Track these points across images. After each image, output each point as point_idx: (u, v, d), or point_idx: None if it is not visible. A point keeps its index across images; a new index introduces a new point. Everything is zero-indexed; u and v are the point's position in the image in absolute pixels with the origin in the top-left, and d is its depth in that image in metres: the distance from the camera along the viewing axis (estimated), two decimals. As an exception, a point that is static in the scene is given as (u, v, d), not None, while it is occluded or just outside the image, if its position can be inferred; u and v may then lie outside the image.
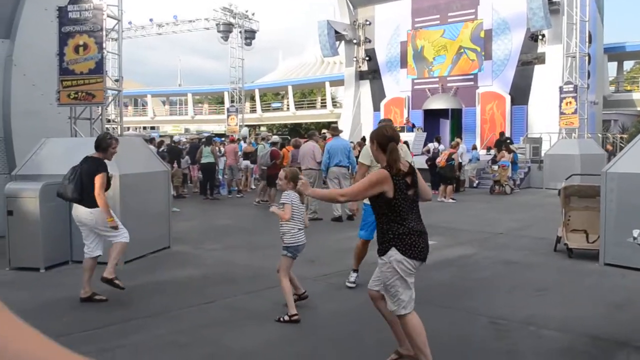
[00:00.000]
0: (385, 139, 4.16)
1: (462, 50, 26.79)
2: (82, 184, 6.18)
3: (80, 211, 6.23)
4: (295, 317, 5.51)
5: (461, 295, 6.35)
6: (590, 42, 21.56)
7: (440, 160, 16.85)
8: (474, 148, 20.98)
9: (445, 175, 16.55)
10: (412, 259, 4.02)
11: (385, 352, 4.55)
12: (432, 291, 6.21)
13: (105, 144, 6.43)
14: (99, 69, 8.67)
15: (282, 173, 5.88)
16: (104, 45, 8.76)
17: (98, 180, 6.13)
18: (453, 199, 15.81)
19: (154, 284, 7.05)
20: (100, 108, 9.28)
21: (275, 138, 18.23)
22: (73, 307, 6.06)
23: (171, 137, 33.71)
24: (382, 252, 4.09)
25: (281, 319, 5.51)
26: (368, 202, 4.75)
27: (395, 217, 4.04)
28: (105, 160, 6.38)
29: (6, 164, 10.02)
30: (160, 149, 17.58)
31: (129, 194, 8.10)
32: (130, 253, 8.08)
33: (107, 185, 6.33)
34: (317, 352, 4.76)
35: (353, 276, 6.81)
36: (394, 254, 4.01)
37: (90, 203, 6.14)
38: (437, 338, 4.98)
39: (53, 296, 6.46)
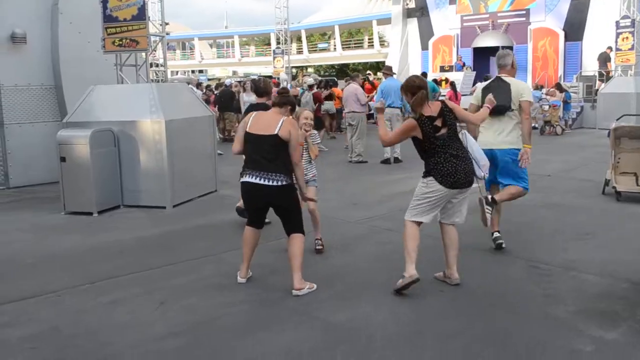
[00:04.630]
0: (415, 88, 4.79)
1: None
2: None
3: None
4: None
5: (504, 239, 6.32)
6: (652, -28, 20.38)
7: None
8: (536, 88, 20.24)
9: None
10: (448, 187, 4.73)
11: (415, 300, 4.65)
12: (472, 233, 6.20)
13: (269, 87, 7.07)
14: (141, 15, 8.72)
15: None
16: (145, -10, 8.80)
17: None
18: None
19: (200, 227, 7.27)
20: (144, 54, 9.39)
21: (310, 80, 18.01)
22: (123, 249, 6.34)
23: (219, 79, 33.85)
24: (424, 175, 4.84)
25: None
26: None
27: (431, 154, 4.77)
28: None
29: (58, 111, 10.33)
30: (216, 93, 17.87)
31: (175, 139, 8.28)
32: (178, 197, 8.36)
33: None
34: (346, 295, 4.86)
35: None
36: (432, 181, 4.75)
37: None
38: (475, 278, 5.05)
39: (105, 239, 6.75)
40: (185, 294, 4.94)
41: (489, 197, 5.75)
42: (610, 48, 20.94)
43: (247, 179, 4.88)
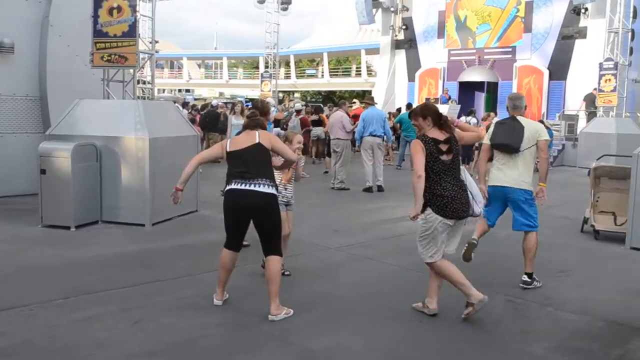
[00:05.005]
0: (436, 114, 4.95)
1: (516, 15, 25.76)
2: None
3: None
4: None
5: (480, 272, 6.31)
6: (635, 17, 20.85)
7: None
8: None
9: None
10: (445, 217, 4.75)
11: (393, 330, 4.62)
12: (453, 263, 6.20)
13: (267, 108, 7.60)
14: (132, 32, 8.73)
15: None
16: (137, 8, 8.81)
17: None
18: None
19: (180, 247, 7.21)
20: (132, 71, 9.38)
21: (298, 105, 18.09)
22: (100, 265, 6.25)
23: (204, 99, 33.79)
24: (422, 209, 4.76)
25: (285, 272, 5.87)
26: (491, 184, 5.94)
27: (432, 179, 4.75)
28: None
29: (41, 123, 10.24)
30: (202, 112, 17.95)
31: (158, 157, 8.23)
32: (158, 215, 8.29)
33: None
34: (324, 322, 4.83)
35: None
36: (429, 212, 4.76)
37: None
38: (454, 310, 5.02)
39: (82, 254, 6.66)
40: (163, 313, 4.88)
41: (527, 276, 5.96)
42: (595, 89, 21.37)
43: (233, 186, 4.87)
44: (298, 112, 17.01)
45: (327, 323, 4.80)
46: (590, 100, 21.45)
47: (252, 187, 4.81)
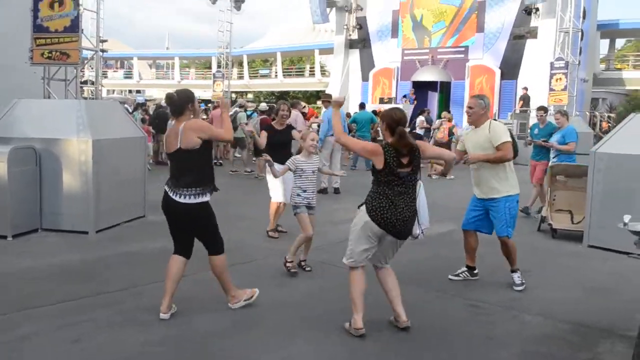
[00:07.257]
0: (393, 122, 4.51)
1: (472, 13, 25.93)
2: None
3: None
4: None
5: (439, 275, 6.15)
6: (584, 17, 21.27)
7: (444, 136, 16.54)
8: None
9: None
10: (374, 222, 4.39)
11: (353, 340, 4.40)
12: (408, 269, 5.98)
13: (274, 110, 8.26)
14: (74, 27, 8.28)
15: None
16: (80, 1, 8.36)
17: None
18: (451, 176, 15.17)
19: (125, 256, 6.81)
20: (75, 69, 8.91)
21: (264, 106, 17.90)
22: (38, 278, 5.82)
23: (154, 100, 32.98)
24: (360, 205, 4.60)
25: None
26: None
27: (378, 185, 4.48)
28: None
29: (-23, 125, 9.65)
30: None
31: (102, 160, 7.80)
32: (102, 222, 7.87)
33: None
34: (278, 332, 4.57)
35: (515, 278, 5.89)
36: (362, 209, 4.51)
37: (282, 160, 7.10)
38: (414, 317, 4.80)
39: (19, 266, 6.20)
40: (104, 330, 4.51)
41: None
42: (525, 88, 21.82)
43: (166, 189, 4.79)
44: (262, 112, 16.74)
45: (279, 333, 4.52)
46: (526, 100, 21.88)
47: (173, 197, 4.69)
